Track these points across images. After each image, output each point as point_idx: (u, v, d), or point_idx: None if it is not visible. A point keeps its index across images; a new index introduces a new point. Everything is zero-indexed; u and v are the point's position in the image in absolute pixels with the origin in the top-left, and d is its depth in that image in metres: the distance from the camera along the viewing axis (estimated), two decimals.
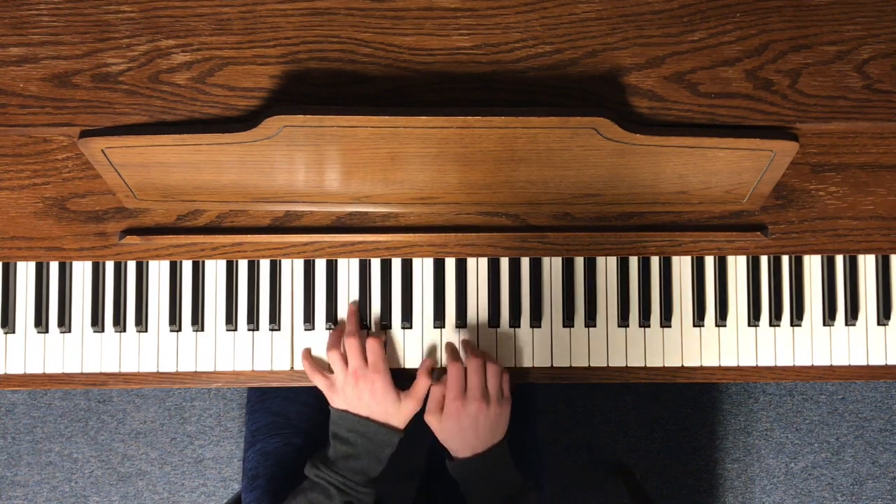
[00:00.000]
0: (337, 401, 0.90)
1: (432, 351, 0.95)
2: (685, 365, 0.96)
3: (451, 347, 0.94)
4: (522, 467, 1.07)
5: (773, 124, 0.84)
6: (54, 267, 0.95)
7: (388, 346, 0.95)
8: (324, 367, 0.93)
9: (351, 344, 0.89)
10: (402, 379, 0.92)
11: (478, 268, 0.96)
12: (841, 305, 0.96)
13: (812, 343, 0.96)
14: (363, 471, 0.88)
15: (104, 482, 1.70)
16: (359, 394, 0.88)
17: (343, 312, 0.95)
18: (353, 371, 0.89)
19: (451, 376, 0.89)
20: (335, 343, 0.91)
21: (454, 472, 0.89)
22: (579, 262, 0.95)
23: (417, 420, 0.92)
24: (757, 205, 0.90)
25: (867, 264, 0.96)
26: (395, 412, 0.89)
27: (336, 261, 0.95)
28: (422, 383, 0.91)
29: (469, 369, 0.89)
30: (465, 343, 0.95)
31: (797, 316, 0.95)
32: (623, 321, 0.95)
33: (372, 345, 0.89)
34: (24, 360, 0.95)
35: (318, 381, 0.91)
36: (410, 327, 0.95)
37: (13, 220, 0.91)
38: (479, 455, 0.87)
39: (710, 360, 0.96)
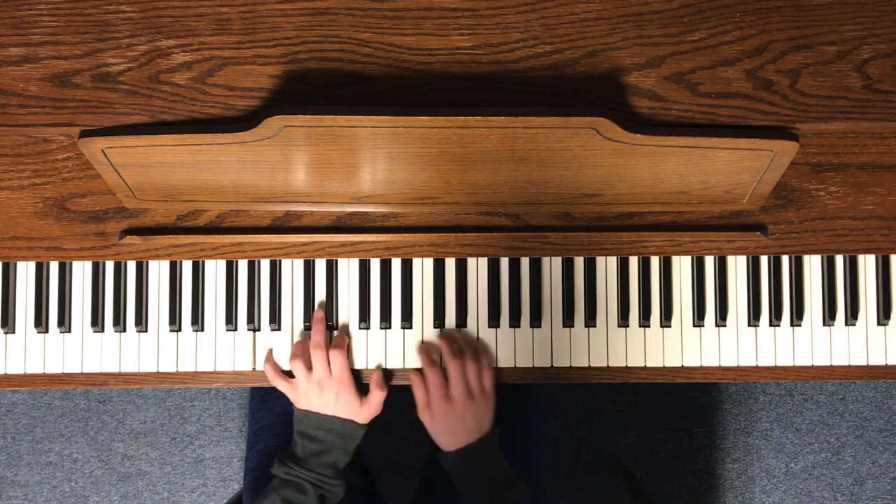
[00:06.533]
0: (302, 402, 0.92)
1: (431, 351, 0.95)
2: (685, 365, 0.96)
3: (424, 350, 0.94)
4: (522, 467, 1.07)
5: (773, 124, 0.84)
6: (54, 267, 0.95)
7: (387, 345, 0.95)
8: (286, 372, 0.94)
9: (317, 355, 0.91)
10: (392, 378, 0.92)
11: (478, 268, 0.96)
12: (841, 305, 0.96)
13: (812, 343, 0.96)
14: (333, 464, 0.91)
15: (104, 482, 1.70)
16: (324, 401, 0.91)
17: (344, 313, 0.95)
18: (318, 381, 0.90)
19: (432, 384, 0.91)
20: (298, 353, 0.92)
21: (445, 464, 0.92)
22: (579, 262, 0.95)
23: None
24: (757, 205, 0.90)
25: (867, 264, 0.96)
26: (357, 415, 0.92)
27: (336, 261, 0.95)
28: (377, 395, 0.93)
29: (449, 371, 0.91)
30: (441, 337, 0.94)
31: (797, 316, 0.95)
32: (623, 321, 0.95)
33: (335, 356, 0.91)
34: (24, 360, 0.95)
35: (280, 385, 0.93)
36: (410, 327, 0.95)
37: (13, 220, 0.91)
38: (469, 446, 0.90)
39: (710, 360, 0.96)
